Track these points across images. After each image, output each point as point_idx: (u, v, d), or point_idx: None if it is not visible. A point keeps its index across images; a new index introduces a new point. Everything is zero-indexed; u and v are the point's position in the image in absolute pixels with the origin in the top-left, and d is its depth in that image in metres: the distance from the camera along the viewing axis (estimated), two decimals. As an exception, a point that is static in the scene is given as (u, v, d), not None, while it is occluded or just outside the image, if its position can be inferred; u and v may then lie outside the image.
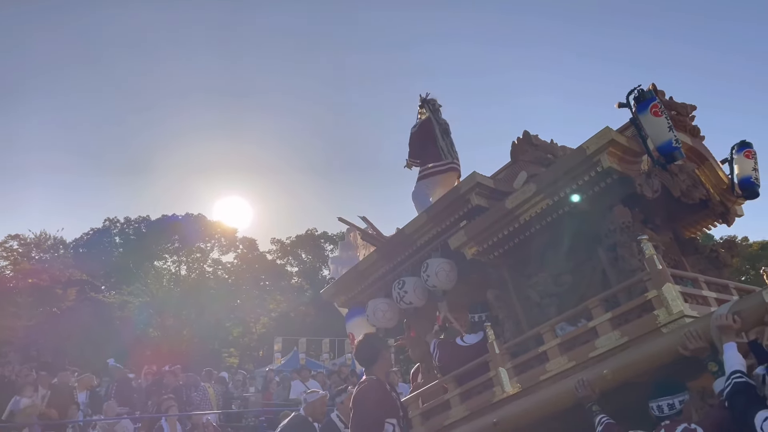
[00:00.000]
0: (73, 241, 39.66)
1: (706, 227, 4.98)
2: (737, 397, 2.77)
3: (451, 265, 4.89)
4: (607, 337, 3.65)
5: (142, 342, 30.22)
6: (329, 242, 43.36)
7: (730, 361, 2.91)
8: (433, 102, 6.05)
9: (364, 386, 4.40)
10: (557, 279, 4.42)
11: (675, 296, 3.42)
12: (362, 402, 4.29)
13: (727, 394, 2.83)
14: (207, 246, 40.57)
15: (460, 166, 5.92)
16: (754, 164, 4.52)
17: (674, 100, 4.43)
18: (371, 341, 4.66)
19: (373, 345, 4.62)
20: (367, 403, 4.28)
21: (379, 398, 4.35)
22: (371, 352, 4.58)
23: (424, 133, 5.93)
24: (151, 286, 36.11)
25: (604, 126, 3.84)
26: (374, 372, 4.50)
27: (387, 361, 4.65)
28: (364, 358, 4.60)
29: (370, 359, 4.55)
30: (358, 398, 4.32)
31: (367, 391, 4.35)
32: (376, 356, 4.54)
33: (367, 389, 4.36)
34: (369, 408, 4.26)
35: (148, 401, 11.46)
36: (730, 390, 2.81)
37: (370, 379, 4.44)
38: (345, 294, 5.96)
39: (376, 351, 4.58)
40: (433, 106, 6.03)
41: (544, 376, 3.89)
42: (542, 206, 4.14)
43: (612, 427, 3.39)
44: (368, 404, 4.28)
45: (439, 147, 5.84)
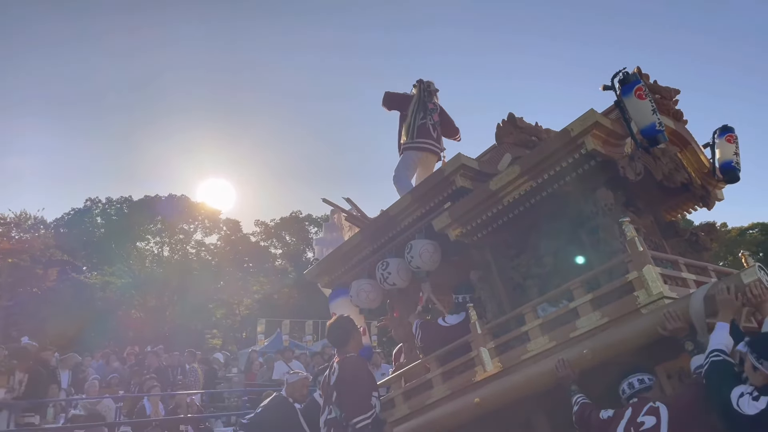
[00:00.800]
0: (54, 221, 39.18)
1: (687, 211, 5.04)
2: (714, 374, 2.81)
3: (434, 247, 4.91)
4: (587, 317, 3.69)
5: (124, 323, 30.12)
6: (314, 225, 43.28)
7: (715, 339, 2.94)
8: (429, 84, 6.09)
9: (352, 363, 4.45)
10: (540, 260, 4.46)
11: (655, 278, 3.45)
12: (353, 378, 4.33)
13: (705, 371, 2.87)
14: (190, 227, 40.29)
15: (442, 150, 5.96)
16: (735, 149, 4.57)
17: (658, 84, 4.46)
18: (341, 323, 4.73)
19: (344, 326, 4.70)
20: (358, 378, 4.34)
21: (367, 373, 4.49)
22: (342, 333, 4.66)
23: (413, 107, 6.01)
24: (133, 266, 35.94)
25: (588, 108, 3.86)
26: (349, 351, 4.56)
27: (358, 341, 4.69)
28: (337, 339, 4.69)
29: (342, 339, 4.63)
30: (349, 374, 4.35)
31: (356, 367, 4.42)
32: (347, 337, 4.61)
33: (356, 365, 4.42)
34: (360, 383, 4.32)
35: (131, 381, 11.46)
36: (708, 367, 2.85)
37: (352, 356, 4.51)
38: (329, 275, 5.97)
39: (347, 331, 4.66)
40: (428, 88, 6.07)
41: (526, 355, 3.93)
42: (526, 188, 4.16)
43: (586, 406, 3.44)
44: (359, 380, 4.34)
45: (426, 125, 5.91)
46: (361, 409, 4.17)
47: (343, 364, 4.43)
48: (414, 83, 6.14)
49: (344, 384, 4.33)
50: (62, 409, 9.68)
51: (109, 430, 8.65)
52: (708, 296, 3.15)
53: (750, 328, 3.25)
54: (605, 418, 3.27)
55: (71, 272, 32.00)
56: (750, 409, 2.57)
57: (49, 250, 30.88)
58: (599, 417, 3.30)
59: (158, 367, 12.05)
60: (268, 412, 5.67)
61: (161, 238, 39.59)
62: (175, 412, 9.29)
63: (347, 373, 4.35)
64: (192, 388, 11.31)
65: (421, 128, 5.89)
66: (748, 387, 2.67)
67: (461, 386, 4.23)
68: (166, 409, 9.58)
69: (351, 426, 4.15)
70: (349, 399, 4.25)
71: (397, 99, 6.21)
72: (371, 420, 4.19)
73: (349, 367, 4.39)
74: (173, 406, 9.53)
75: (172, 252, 39.41)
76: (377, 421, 4.27)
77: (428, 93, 6.05)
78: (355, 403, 4.22)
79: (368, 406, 4.21)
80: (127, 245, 37.02)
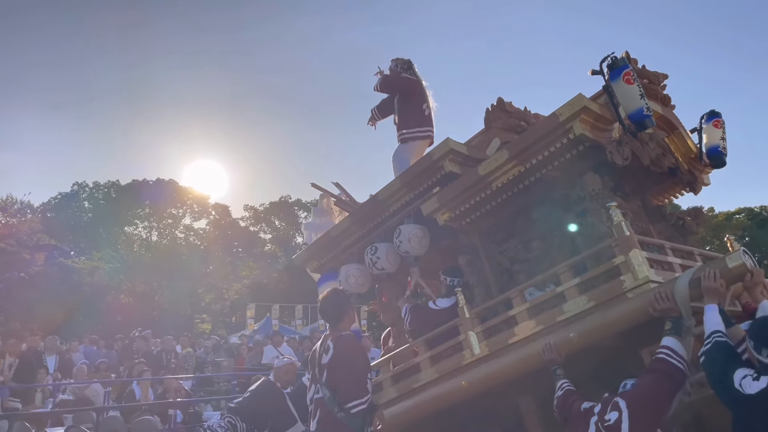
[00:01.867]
0: (41, 205, 38.78)
1: (674, 195, 5.07)
2: (718, 354, 2.83)
3: (423, 231, 4.91)
4: (574, 301, 3.71)
5: (112, 308, 30.02)
6: (303, 209, 43.19)
7: (711, 321, 2.97)
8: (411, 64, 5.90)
9: (348, 342, 4.17)
10: (527, 245, 4.48)
11: (641, 262, 3.48)
12: (349, 359, 4.08)
13: (707, 351, 2.88)
14: (179, 212, 40.07)
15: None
16: (722, 134, 4.59)
17: (646, 69, 4.46)
18: (335, 297, 4.42)
19: (338, 301, 4.39)
20: (354, 359, 4.10)
21: (364, 353, 4.34)
22: (336, 308, 4.35)
23: (413, 93, 5.74)
24: (121, 251, 35.73)
25: (577, 93, 3.86)
26: (342, 328, 4.28)
27: (351, 318, 4.41)
28: (330, 315, 4.37)
29: (336, 315, 4.33)
30: (345, 354, 4.10)
31: (352, 347, 4.17)
32: (341, 313, 4.32)
33: (352, 345, 4.17)
34: (357, 365, 4.10)
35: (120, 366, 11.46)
36: (712, 347, 2.86)
37: (349, 335, 4.25)
38: (317, 259, 5.96)
39: (341, 306, 4.35)
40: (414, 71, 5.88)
41: (513, 339, 3.95)
42: (514, 173, 4.16)
43: (571, 393, 3.46)
44: (355, 362, 4.11)
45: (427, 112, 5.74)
46: (357, 393, 3.95)
47: (338, 343, 4.13)
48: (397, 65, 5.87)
49: (339, 365, 4.06)
50: (50, 393, 9.66)
51: (97, 414, 8.63)
52: (693, 279, 3.18)
53: (734, 312, 3.29)
54: (583, 410, 3.27)
55: (58, 257, 31.80)
56: (751, 388, 2.62)
57: (36, 235, 30.65)
58: (580, 408, 3.30)
59: (147, 351, 12.05)
60: (254, 396, 5.69)
61: (149, 222, 39.36)
62: (164, 396, 9.30)
63: (342, 353, 4.08)
64: (187, 373, 11.35)
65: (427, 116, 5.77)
66: (750, 369, 2.71)
67: (449, 370, 4.26)
68: (155, 393, 9.58)
69: (344, 410, 3.96)
70: (345, 381, 4.01)
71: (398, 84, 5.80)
72: (367, 405, 3.99)
73: (345, 347, 4.11)
74: (162, 390, 9.53)
75: (161, 237, 39.22)
76: (371, 406, 4.08)
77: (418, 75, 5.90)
78: (351, 386, 3.99)
79: (364, 390, 3.99)
80: (115, 230, 36.78)
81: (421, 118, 5.72)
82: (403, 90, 5.80)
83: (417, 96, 5.75)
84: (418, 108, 5.73)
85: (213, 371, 13.17)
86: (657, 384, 3.03)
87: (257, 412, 5.50)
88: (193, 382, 11.64)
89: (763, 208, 39.31)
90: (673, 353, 3.03)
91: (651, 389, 3.05)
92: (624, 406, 3.03)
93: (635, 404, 3.02)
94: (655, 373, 3.06)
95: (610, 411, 3.08)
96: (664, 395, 3.02)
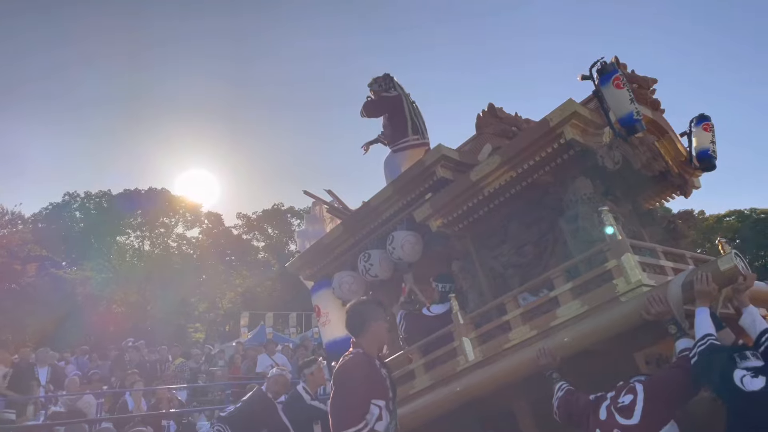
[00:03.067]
0: (32, 216, 38.51)
1: (665, 199, 5.10)
2: (714, 354, 2.91)
3: (416, 238, 4.92)
4: (568, 306, 3.72)
5: (105, 318, 29.80)
6: (296, 217, 43.14)
7: (703, 324, 3.03)
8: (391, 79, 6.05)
9: (346, 360, 3.68)
10: (520, 250, 4.49)
11: (633, 266, 3.49)
12: (343, 379, 3.59)
13: (702, 351, 2.94)
14: (171, 221, 39.93)
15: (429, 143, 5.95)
16: (711, 137, 4.62)
17: (636, 73, 4.49)
18: (357, 307, 3.88)
19: (361, 312, 3.80)
20: (348, 380, 3.56)
21: (364, 375, 3.57)
22: (356, 320, 3.80)
23: (397, 108, 5.92)
24: (113, 261, 35.55)
25: (567, 98, 3.88)
26: (361, 344, 3.72)
27: (377, 333, 3.73)
28: (350, 326, 3.86)
29: (355, 328, 3.80)
30: (339, 374, 3.63)
31: (350, 366, 3.63)
32: (361, 325, 3.75)
33: (350, 364, 3.64)
34: (352, 386, 3.53)
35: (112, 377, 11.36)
36: (706, 348, 2.93)
37: (355, 353, 3.68)
38: (311, 267, 5.95)
39: (363, 318, 3.77)
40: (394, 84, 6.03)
41: (507, 345, 3.96)
42: (506, 178, 4.18)
43: (572, 392, 3.46)
44: (350, 382, 3.55)
45: (410, 121, 5.88)
46: (347, 421, 3.44)
47: (342, 363, 3.69)
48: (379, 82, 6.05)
49: (335, 387, 3.63)
50: (42, 406, 9.56)
51: (90, 426, 8.55)
52: (686, 283, 3.19)
53: (726, 314, 3.31)
54: (593, 399, 3.30)
55: (50, 267, 31.54)
56: (752, 385, 2.73)
57: (27, 246, 30.40)
58: (588, 399, 3.32)
59: (140, 361, 11.96)
60: (246, 406, 5.69)
61: (141, 232, 39.19)
62: (157, 407, 9.22)
63: (340, 375, 3.62)
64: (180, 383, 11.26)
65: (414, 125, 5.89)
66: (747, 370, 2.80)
67: (443, 376, 4.25)
68: (148, 404, 9.50)
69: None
70: (337, 407, 3.57)
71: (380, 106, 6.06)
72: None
73: (345, 368, 3.63)
74: (155, 401, 9.46)
75: (153, 246, 39.05)
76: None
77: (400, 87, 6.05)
78: (343, 413, 3.52)
79: (357, 418, 3.43)
80: (107, 240, 36.59)
81: (409, 128, 5.85)
82: (388, 108, 6.01)
83: (401, 110, 5.90)
84: (403, 120, 5.88)
85: (207, 380, 13.08)
86: (677, 376, 3.06)
87: (249, 422, 5.48)
88: (187, 392, 11.56)
89: (752, 210, 39.53)
90: None
91: (671, 379, 3.08)
92: (641, 389, 3.06)
93: (652, 389, 3.05)
94: (677, 368, 3.08)
95: (625, 394, 3.11)
96: (682, 387, 3.04)
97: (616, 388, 3.23)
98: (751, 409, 2.75)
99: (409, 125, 5.89)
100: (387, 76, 6.05)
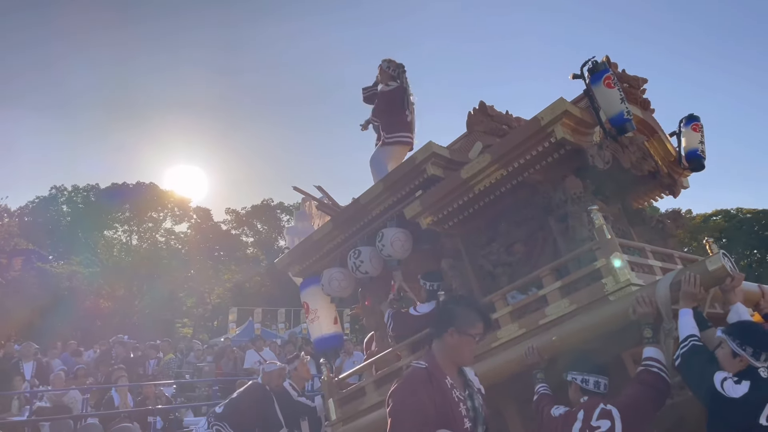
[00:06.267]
0: (18, 209, 38.17)
1: (654, 198, 5.12)
2: (696, 357, 2.91)
3: (406, 235, 4.90)
4: (556, 305, 3.73)
5: (92, 313, 29.60)
6: (285, 212, 43.03)
7: (686, 325, 3.03)
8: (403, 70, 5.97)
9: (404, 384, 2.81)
10: (510, 248, 4.48)
11: (622, 265, 3.50)
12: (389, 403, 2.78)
13: (684, 354, 2.95)
14: (159, 216, 39.71)
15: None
16: (700, 137, 4.64)
17: (626, 73, 4.50)
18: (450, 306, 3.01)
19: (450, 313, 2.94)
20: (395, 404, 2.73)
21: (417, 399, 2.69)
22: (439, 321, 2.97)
23: (398, 100, 5.85)
24: (100, 255, 35.30)
25: (558, 97, 3.87)
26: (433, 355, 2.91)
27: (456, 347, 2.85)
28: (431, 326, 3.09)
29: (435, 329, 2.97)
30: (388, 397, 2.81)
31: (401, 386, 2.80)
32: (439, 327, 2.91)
33: (402, 384, 2.82)
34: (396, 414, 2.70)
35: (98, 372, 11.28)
36: (689, 350, 2.94)
37: (414, 367, 2.88)
38: (300, 264, 5.92)
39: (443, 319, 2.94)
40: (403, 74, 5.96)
41: (495, 343, 3.96)
42: (496, 176, 4.17)
43: (545, 397, 3.48)
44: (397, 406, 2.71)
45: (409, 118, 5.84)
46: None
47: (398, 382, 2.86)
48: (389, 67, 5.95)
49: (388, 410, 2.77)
50: (27, 401, 9.48)
51: (75, 422, 8.49)
52: (674, 283, 3.20)
53: (713, 314, 3.32)
54: (556, 415, 3.27)
55: (36, 261, 31.23)
56: (734, 392, 2.70)
57: (14, 239, 30.12)
58: (550, 413, 3.31)
59: (126, 357, 11.89)
60: (244, 398, 5.64)
61: (129, 226, 38.97)
62: (143, 403, 9.17)
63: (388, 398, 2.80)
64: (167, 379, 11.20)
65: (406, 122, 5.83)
66: (728, 373, 2.79)
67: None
68: (134, 400, 9.44)
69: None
70: None
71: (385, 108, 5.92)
72: None
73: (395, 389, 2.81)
74: (141, 397, 9.40)
75: (141, 240, 38.82)
76: None
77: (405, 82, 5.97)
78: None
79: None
80: (95, 234, 36.36)
81: (403, 124, 5.80)
82: (388, 98, 5.89)
83: (400, 103, 5.82)
84: (401, 114, 5.81)
85: (194, 377, 13.02)
86: (645, 394, 3.07)
87: (246, 416, 5.45)
88: (174, 387, 11.50)
89: (739, 210, 39.90)
90: (658, 363, 3.09)
91: (640, 399, 3.08)
92: (617, 415, 3.05)
93: (627, 413, 3.04)
94: (643, 384, 3.09)
95: (600, 418, 3.08)
96: (652, 404, 3.07)
97: (584, 405, 3.20)
98: (732, 415, 2.71)
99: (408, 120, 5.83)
100: (401, 66, 5.96)
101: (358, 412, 4.80)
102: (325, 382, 5.24)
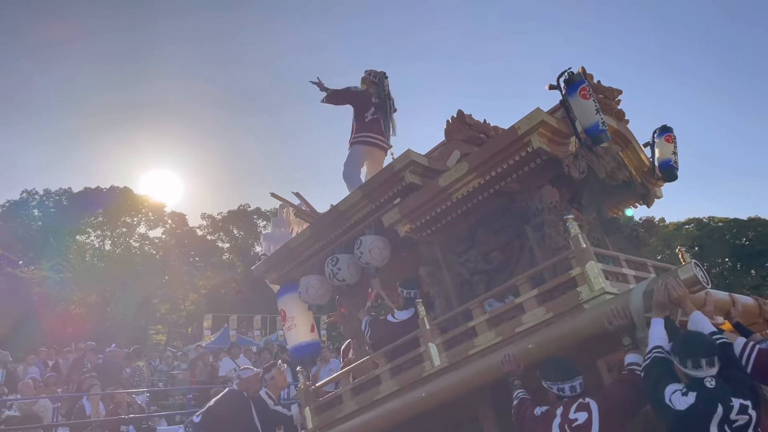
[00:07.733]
0: (-13, 213, 37.42)
1: (628, 208, 5.19)
2: (654, 369, 2.94)
3: (384, 242, 4.91)
4: (532, 312, 3.75)
5: (63, 319, 29.06)
6: (262, 218, 42.79)
7: (654, 335, 3.06)
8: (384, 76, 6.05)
9: None
10: (487, 256, 4.51)
11: (597, 273, 3.54)
12: None
13: (646, 366, 2.98)
14: (133, 220, 39.21)
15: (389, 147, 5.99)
16: (673, 148, 4.73)
17: (602, 84, 4.57)
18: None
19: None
20: None
21: None
22: None
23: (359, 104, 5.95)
24: (72, 261, 34.70)
25: (534, 107, 3.92)
26: None
27: None
28: None
29: None
30: None
31: None
32: None
33: None
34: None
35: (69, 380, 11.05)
36: (650, 362, 2.97)
37: None
38: (277, 271, 5.89)
39: None
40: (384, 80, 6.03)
41: (473, 350, 3.97)
42: (474, 185, 4.20)
43: (525, 401, 3.51)
44: None
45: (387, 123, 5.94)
46: None
47: None
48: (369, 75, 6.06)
49: None
50: (-5, 410, 9.24)
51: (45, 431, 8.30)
52: (647, 292, 3.24)
53: (686, 322, 3.37)
54: (539, 414, 3.32)
55: (6, 266, 30.64)
56: (680, 404, 2.74)
57: (-18, 244, 29.52)
58: (533, 413, 3.34)
59: (97, 364, 11.65)
60: (222, 405, 5.53)
61: (102, 231, 38.42)
62: (115, 412, 8.99)
63: None
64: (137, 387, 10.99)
65: (370, 123, 5.87)
66: (681, 385, 2.83)
67: (409, 382, 4.24)
68: (106, 408, 9.26)
69: None
70: None
71: (343, 95, 6.08)
72: None
73: None
74: (113, 405, 9.22)
75: (114, 246, 38.30)
76: None
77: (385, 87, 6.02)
78: None
79: None
80: (66, 239, 35.72)
81: (364, 125, 5.90)
82: (350, 102, 6.06)
83: (362, 106, 5.95)
84: (361, 116, 5.94)
85: (168, 385, 12.82)
86: (627, 390, 3.12)
87: (225, 421, 5.36)
88: (147, 396, 11.31)
89: (711, 219, 40.70)
90: (640, 367, 3.12)
91: (621, 394, 3.13)
92: (594, 407, 3.09)
93: (605, 405, 3.09)
94: (624, 382, 3.15)
95: (577, 411, 3.13)
96: (632, 401, 3.11)
97: (563, 403, 3.25)
98: (681, 427, 2.75)
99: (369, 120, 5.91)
100: (382, 72, 6.08)
101: (334, 420, 4.77)
102: (302, 390, 5.20)
